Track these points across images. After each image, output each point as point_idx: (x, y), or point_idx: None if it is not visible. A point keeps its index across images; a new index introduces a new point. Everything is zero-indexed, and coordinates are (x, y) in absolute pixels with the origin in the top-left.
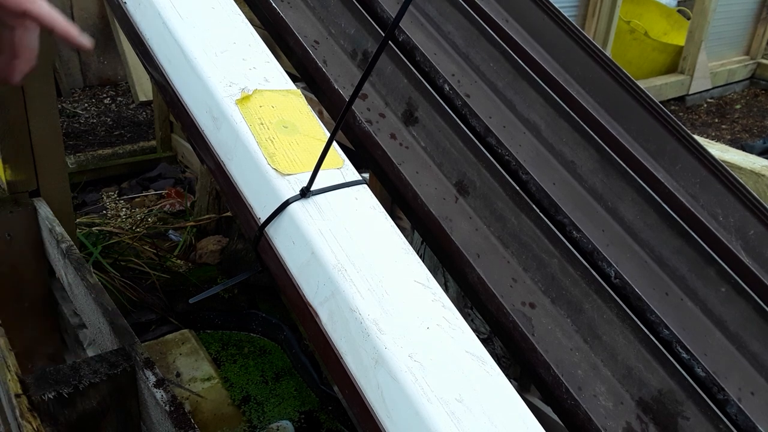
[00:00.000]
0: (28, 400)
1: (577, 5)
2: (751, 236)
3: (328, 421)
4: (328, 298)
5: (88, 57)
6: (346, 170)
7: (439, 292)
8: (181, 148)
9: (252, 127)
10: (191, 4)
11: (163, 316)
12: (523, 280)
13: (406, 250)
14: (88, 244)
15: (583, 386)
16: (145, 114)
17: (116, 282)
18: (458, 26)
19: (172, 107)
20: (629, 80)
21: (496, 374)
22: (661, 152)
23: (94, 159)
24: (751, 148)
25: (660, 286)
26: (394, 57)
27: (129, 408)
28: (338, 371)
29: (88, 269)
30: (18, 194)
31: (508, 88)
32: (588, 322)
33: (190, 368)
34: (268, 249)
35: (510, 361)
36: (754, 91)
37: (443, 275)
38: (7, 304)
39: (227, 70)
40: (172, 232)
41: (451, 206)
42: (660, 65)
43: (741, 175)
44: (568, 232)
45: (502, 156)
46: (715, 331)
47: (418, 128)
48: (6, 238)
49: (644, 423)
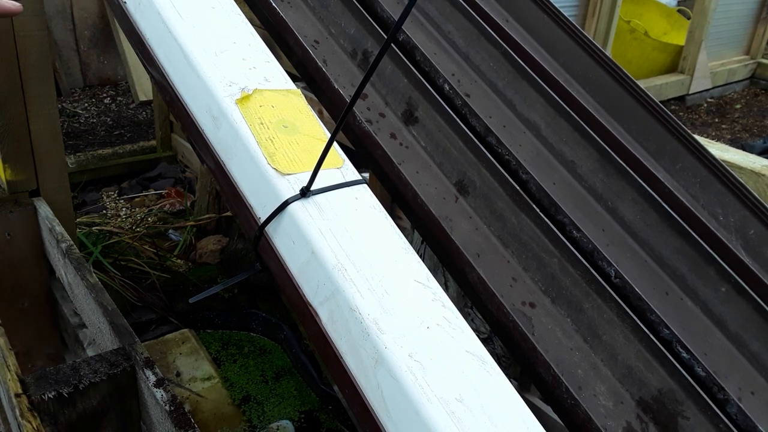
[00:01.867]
0: (28, 399)
1: (577, 5)
2: (751, 236)
3: (328, 420)
4: (328, 297)
5: (88, 57)
6: (346, 170)
7: (439, 292)
8: (181, 148)
9: (252, 127)
10: (191, 4)
11: (163, 316)
12: (523, 279)
13: (406, 249)
14: (88, 244)
15: (583, 386)
16: (145, 114)
17: (116, 282)
18: (458, 26)
19: (172, 107)
20: (629, 80)
21: (496, 374)
22: (661, 152)
23: (94, 159)
24: (751, 148)
25: (660, 285)
26: (394, 57)
27: (129, 408)
28: (338, 371)
29: (88, 269)
30: (18, 194)
31: (508, 87)
32: (588, 322)
33: (190, 368)
34: (268, 249)
35: (510, 360)
36: (754, 91)
37: (443, 275)
38: (7, 304)
39: (227, 69)
40: (172, 232)
41: (451, 206)
42: (660, 65)
43: (741, 174)
44: (568, 232)
45: (502, 155)
46: (715, 330)
47: (418, 128)
48: (6, 237)
49: (644, 422)
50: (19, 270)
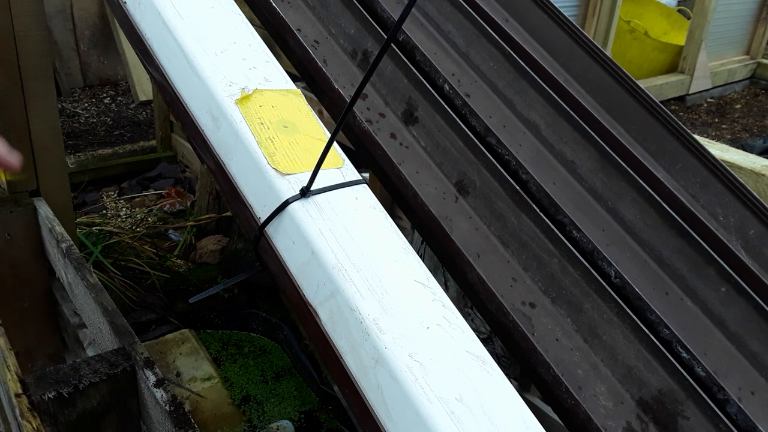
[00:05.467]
0: (28, 399)
1: (577, 5)
2: (751, 236)
3: (328, 420)
4: (328, 297)
5: (89, 57)
6: (346, 170)
7: (439, 292)
8: (181, 148)
9: (252, 127)
10: (191, 3)
11: (163, 316)
12: (523, 279)
13: (406, 249)
14: (88, 244)
15: (583, 386)
16: (145, 114)
17: (116, 282)
18: (458, 26)
19: (172, 107)
20: (629, 80)
21: (496, 374)
22: (661, 152)
23: (94, 159)
24: (751, 148)
25: (660, 285)
26: (394, 57)
27: (129, 407)
28: (338, 371)
29: (88, 269)
30: (18, 194)
31: (508, 87)
32: (588, 322)
33: (190, 368)
34: (268, 249)
35: (510, 360)
36: (754, 91)
37: (443, 275)
38: (7, 304)
39: (227, 69)
40: (172, 232)
41: (451, 206)
42: (660, 65)
43: (741, 174)
44: (568, 232)
45: (502, 155)
46: (715, 330)
47: (418, 128)
48: (6, 237)
49: (644, 422)
50: (19, 270)
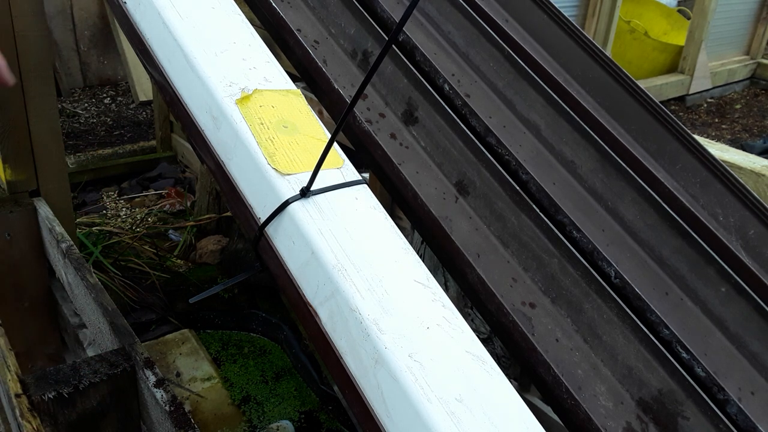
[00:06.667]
0: (28, 400)
1: (577, 5)
2: (751, 236)
3: (328, 421)
4: (328, 297)
5: (88, 57)
6: (346, 170)
7: (439, 292)
8: (181, 148)
9: (252, 127)
10: (191, 4)
11: (163, 316)
12: (523, 279)
13: (406, 250)
14: (88, 244)
15: (583, 386)
16: (145, 114)
17: (116, 282)
18: (458, 26)
19: (172, 107)
20: (629, 80)
21: (496, 374)
22: (661, 152)
23: (94, 159)
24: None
25: (660, 285)
26: (394, 57)
27: (129, 408)
28: (338, 371)
29: (88, 269)
30: (18, 194)
31: (508, 87)
32: (588, 322)
33: (190, 368)
34: (268, 249)
35: (510, 361)
36: (754, 91)
37: (443, 275)
38: (7, 304)
39: (227, 69)
40: (172, 232)
41: (451, 206)
42: (660, 65)
43: (741, 175)
44: (568, 232)
45: (502, 156)
46: (715, 331)
47: (418, 128)
48: (6, 238)
49: (644, 423)
50: (19, 270)
